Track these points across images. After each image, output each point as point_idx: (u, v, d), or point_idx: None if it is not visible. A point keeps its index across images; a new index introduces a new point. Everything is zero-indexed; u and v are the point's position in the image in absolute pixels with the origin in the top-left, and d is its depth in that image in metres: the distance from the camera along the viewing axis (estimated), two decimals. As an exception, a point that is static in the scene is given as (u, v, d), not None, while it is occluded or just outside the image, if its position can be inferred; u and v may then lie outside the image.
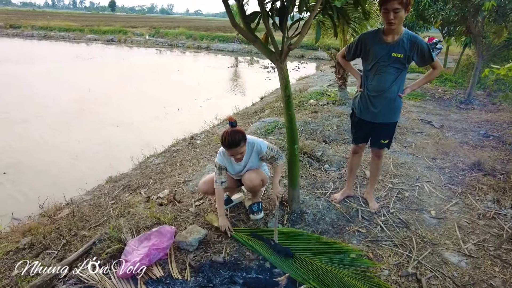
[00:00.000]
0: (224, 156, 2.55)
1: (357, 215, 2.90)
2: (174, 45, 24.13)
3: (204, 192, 2.75)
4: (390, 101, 2.65)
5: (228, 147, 2.32)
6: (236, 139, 2.30)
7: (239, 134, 2.32)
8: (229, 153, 2.40)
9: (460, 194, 3.39)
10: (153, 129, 7.05)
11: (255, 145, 2.52)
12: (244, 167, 2.61)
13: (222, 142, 2.34)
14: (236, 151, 2.34)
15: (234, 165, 2.60)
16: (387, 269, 2.30)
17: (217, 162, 2.56)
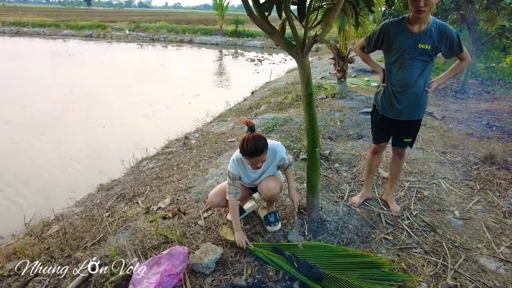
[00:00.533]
0: (238, 164, 2.27)
1: (380, 220, 2.69)
2: (156, 39, 23.39)
3: (216, 206, 2.48)
4: (417, 96, 2.43)
5: (250, 155, 2.05)
6: (260, 146, 2.03)
7: (262, 140, 2.05)
8: (249, 162, 2.13)
9: (479, 191, 3.23)
10: (142, 129, 6.67)
11: (277, 151, 2.27)
12: (261, 175, 2.35)
13: (243, 150, 2.06)
14: (258, 159, 2.08)
15: (249, 173, 2.33)
16: (425, 282, 2.10)
17: (230, 172, 2.28)
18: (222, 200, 2.36)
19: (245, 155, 2.08)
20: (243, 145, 2.06)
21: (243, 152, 2.07)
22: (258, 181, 2.38)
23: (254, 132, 2.09)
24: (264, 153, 2.08)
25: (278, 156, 2.27)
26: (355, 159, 3.76)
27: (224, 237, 2.34)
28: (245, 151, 2.06)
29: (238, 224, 2.31)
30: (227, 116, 6.65)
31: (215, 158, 4.21)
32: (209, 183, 3.27)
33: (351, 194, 3.03)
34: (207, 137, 5.42)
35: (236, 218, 2.31)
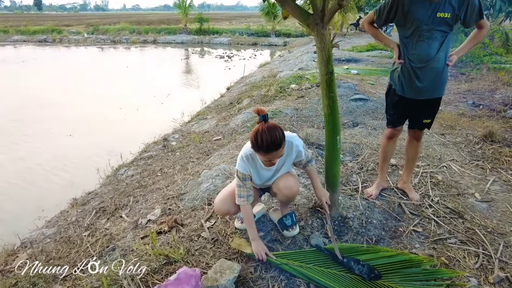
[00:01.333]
0: (248, 162, 1.91)
1: (403, 211, 2.43)
2: (118, 41, 22.25)
3: (225, 214, 2.10)
4: (438, 72, 2.19)
5: (267, 150, 1.69)
6: (278, 138, 1.67)
7: (279, 131, 1.70)
8: (264, 159, 1.78)
9: (491, 170, 3.08)
10: (114, 135, 6.10)
11: (293, 144, 1.91)
12: (274, 174, 2.00)
13: (257, 144, 1.70)
14: (275, 155, 1.73)
15: (261, 171, 1.97)
16: (472, 276, 1.85)
17: (239, 171, 1.91)
18: (232, 206, 2.00)
19: (259, 150, 1.73)
20: (256, 138, 1.70)
21: (257, 147, 1.71)
22: (271, 181, 2.04)
23: (268, 122, 1.73)
24: (282, 146, 1.73)
25: (294, 150, 1.92)
26: (358, 147, 3.50)
27: (238, 249, 1.97)
28: (259, 145, 1.70)
29: (255, 232, 1.95)
30: (206, 114, 6.23)
31: (204, 159, 3.81)
32: (204, 187, 2.88)
33: (365, 186, 2.76)
34: (189, 137, 5.00)
35: (252, 226, 1.95)
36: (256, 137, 1.70)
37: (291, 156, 1.94)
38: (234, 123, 4.71)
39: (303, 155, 1.96)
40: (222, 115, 5.59)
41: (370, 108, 4.81)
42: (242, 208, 1.94)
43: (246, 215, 1.94)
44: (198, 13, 25.67)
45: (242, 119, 4.69)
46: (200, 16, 24.71)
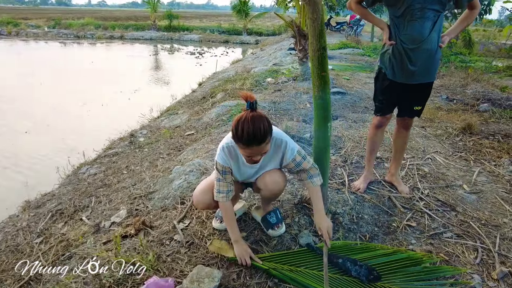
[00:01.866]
0: (229, 154, 1.65)
1: (393, 205, 2.27)
2: (82, 36, 21.04)
3: (205, 206, 1.82)
4: (431, 54, 2.04)
5: (247, 143, 1.43)
6: (261, 131, 1.42)
7: (265, 123, 1.44)
8: (244, 153, 1.52)
9: (475, 162, 3.02)
10: (76, 132, 5.59)
11: (285, 144, 1.64)
12: (258, 172, 1.75)
13: (237, 135, 1.44)
14: (257, 150, 1.47)
15: (242, 167, 1.72)
16: (475, 272, 1.70)
17: (218, 163, 1.65)
18: (212, 199, 1.73)
19: (239, 142, 1.47)
20: (237, 127, 1.44)
21: (237, 138, 1.46)
22: (254, 178, 1.79)
23: (255, 111, 1.47)
24: (266, 142, 1.46)
25: (287, 152, 1.64)
26: (339, 140, 3.34)
27: (218, 253, 1.71)
28: (239, 136, 1.44)
29: (237, 233, 1.69)
30: (177, 109, 5.88)
31: (176, 155, 3.50)
32: (176, 184, 2.59)
33: (351, 179, 2.58)
34: (158, 133, 4.64)
35: (233, 225, 1.70)
36: (237, 126, 1.44)
37: (278, 156, 1.68)
38: (208, 117, 4.42)
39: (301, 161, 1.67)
40: (195, 110, 5.27)
41: (349, 102, 4.69)
42: (221, 206, 1.69)
43: (226, 214, 1.69)
44: (167, 10, 24.91)
45: (217, 112, 4.41)
46: (170, 13, 23.98)
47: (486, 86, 5.94)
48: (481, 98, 5.16)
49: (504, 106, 4.76)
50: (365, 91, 5.42)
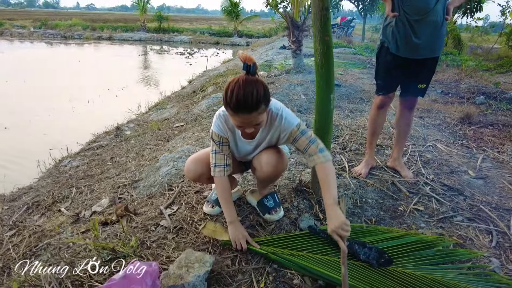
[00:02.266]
0: (225, 123, 1.48)
1: (398, 190, 2.12)
2: (69, 36, 20.60)
3: (196, 177, 1.64)
4: (437, 26, 1.91)
5: (236, 110, 1.25)
6: (253, 97, 1.23)
7: (259, 89, 1.25)
8: (236, 123, 1.33)
9: (477, 149, 2.90)
10: (59, 127, 5.34)
11: (279, 118, 1.44)
12: (255, 149, 1.58)
13: (226, 98, 1.26)
14: (248, 119, 1.28)
15: (239, 142, 1.54)
16: (492, 256, 1.56)
17: (214, 133, 1.48)
18: (206, 169, 1.55)
19: (227, 107, 1.28)
20: (227, 90, 1.26)
21: (226, 102, 1.28)
22: (252, 156, 1.61)
23: (254, 75, 1.28)
24: (259, 111, 1.27)
25: (283, 125, 1.44)
26: (337, 128, 3.19)
27: (212, 237, 1.53)
28: (228, 101, 1.26)
29: (233, 213, 1.51)
30: (166, 104, 5.68)
31: (164, 145, 3.30)
32: (164, 171, 2.39)
33: (351, 165, 2.42)
34: (146, 126, 4.43)
35: (229, 205, 1.52)
36: (227, 89, 1.27)
37: (277, 131, 1.48)
38: (199, 109, 4.24)
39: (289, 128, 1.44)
40: (185, 103, 5.08)
41: (344, 93, 4.56)
42: (218, 182, 1.51)
43: (222, 192, 1.51)
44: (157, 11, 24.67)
45: (208, 103, 4.23)
46: (159, 14, 23.75)
47: (480, 81, 5.91)
48: (476, 92, 5.10)
49: (500, 99, 4.70)
50: (359, 85, 5.31)
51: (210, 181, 1.68)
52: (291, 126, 1.44)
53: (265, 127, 1.48)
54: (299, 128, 1.45)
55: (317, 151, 1.42)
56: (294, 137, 1.45)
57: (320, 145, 1.44)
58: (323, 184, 1.39)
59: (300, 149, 1.47)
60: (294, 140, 1.46)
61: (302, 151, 1.46)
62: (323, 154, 1.42)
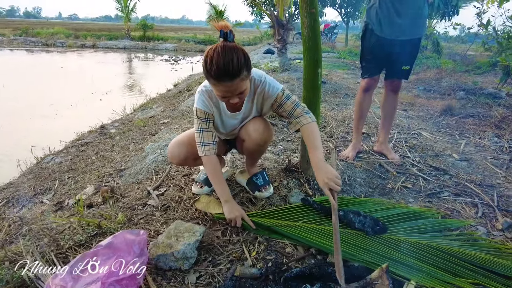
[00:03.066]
0: (209, 98, 1.46)
1: (386, 171, 2.14)
2: (51, 44, 20.23)
3: (181, 160, 1.60)
4: (419, 7, 1.97)
5: (217, 77, 1.21)
6: (233, 62, 1.19)
7: (239, 55, 1.21)
8: (219, 93, 1.29)
9: (460, 136, 2.98)
10: (41, 130, 5.19)
11: (263, 83, 1.43)
12: (243, 121, 1.56)
13: (206, 67, 1.23)
14: (231, 87, 1.24)
15: (225, 117, 1.52)
16: (479, 225, 1.58)
17: (199, 110, 1.46)
18: (191, 152, 1.53)
19: (209, 77, 1.25)
20: (206, 59, 1.24)
21: (206, 71, 1.24)
22: (237, 129, 1.60)
23: (230, 42, 1.25)
24: (241, 77, 1.23)
25: (267, 91, 1.43)
26: (324, 119, 3.22)
27: (205, 210, 1.50)
28: (208, 69, 1.22)
29: (227, 191, 1.47)
30: (151, 105, 5.62)
31: (149, 138, 3.25)
32: (150, 159, 2.36)
33: (339, 150, 2.44)
34: (131, 124, 4.36)
35: (221, 183, 1.48)
36: (206, 58, 1.24)
37: (260, 99, 1.47)
38: (185, 106, 4.21)
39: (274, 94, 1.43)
40: (171, 102, 5.04)
41: (330, 89, 4.63)
42: (208, 162, 1.47)
43: (214, 171, 1.47)
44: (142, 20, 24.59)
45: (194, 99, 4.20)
46: (144, 23, 23.66)
47: (459, 80, 6.09)
48: (456, 89, 5.25)
49: (479, 95, 4.85)
50: (343, 83, 5.40)
51: (197, 163, 1.64)
52: (276, 91, 1.44)
53: (250, 98, 1.47)
54: (284, 93, 1.45)
55: (303, 113, 1.43)
56: (279, 102, 1.44)
57: (305, 108, 1.45)
58: (311, 144, 1.39)
59: (284, 114, 1.46)
60: (279, 106, 1.45)
61: (287, 116, 1.45)
62: (309, 116, 1.43)
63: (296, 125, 1.44)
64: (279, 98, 1.44)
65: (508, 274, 1.21)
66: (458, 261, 1.26)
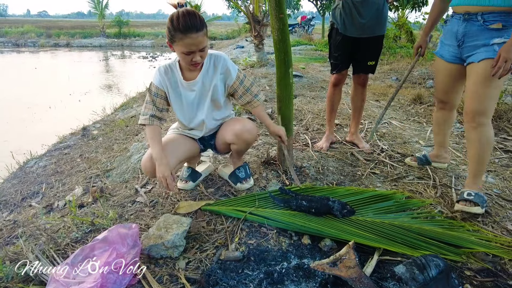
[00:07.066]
0: (164, 74, 1.60)
1: (357, 159, 2.32)
2: (22, 44, 19.58)
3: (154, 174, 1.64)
4: (379, 7, 2.13)
5: (185, 29, 1.38)
6: (198, 16, 1.42)
7: (200, 16, 1.44)
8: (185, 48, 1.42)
9: (427, 123, 3.20)
10: (20, 134, 5.14)
11: (221, 59, 1.62)
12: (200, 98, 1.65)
13: (173, 25, 1.41)
14: (198, 39, 1.41)
15: (182, 89, 1.62)
16: (436, 204, 1.78)
17: (152, 84, 1.62)
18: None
19: (176, 31, 1.40)
20: (172, 19, 1.42)
21: (173, 28, 1.41)
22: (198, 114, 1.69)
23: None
24: (204, 31, 1.43)
25: (228, 68, 1.62)
26: (300, 113, 3.38)
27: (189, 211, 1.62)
28: (175, 25, 1.40)
29: (160, 151, 1.53)
30: (132, 104, 5.65)
31: (132, 138, 3.33)
32: (135, 158, 2.45)
33: (314, 142, 2.60)
34: (113, 124, 4.40)
35: (156, 144, 1.55)
36: (171, 18, 1.43)
37: (217, 73, 1.62)
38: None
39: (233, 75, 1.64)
40: (152, 101, 5.08)
41: (306, 83, 4.79)
42: (147, 131, 1.60)
43: (150, 137, 1.57)
44: (116, 16, 24.05)
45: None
46: (119, 19, 23.17)
47: (430, 69, 6.37)
48: (426, 78, 5.52)
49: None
50: (320, 76, 5.58)
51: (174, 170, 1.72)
52: (235, 70, 1.66)
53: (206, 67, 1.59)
54: (241, 72, 1.69)
55: (253, 97, 1.71)
56: (240, 79, 1.67)
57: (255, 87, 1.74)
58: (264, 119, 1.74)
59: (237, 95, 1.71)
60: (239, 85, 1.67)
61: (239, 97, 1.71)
62: (258, 98, 1.73)
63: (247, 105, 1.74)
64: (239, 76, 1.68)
65: (457, 243, 1.40)
66: (417, 236, 1.44)
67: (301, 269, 1.24)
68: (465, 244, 1.40)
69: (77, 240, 1.41)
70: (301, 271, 1.23)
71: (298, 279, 1.20)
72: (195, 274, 1.22)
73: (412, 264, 1.17)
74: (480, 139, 1.65)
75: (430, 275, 1.13)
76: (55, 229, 1.57)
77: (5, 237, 1.91)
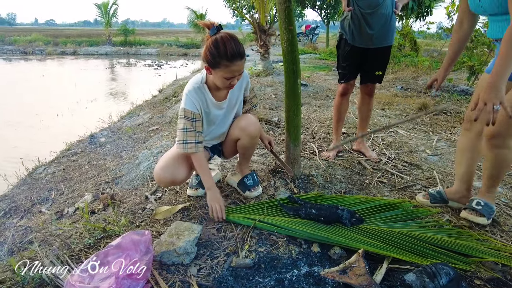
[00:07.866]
0: (197, 97, 1.58)
1: (364, 168, 2.34)
2: (30, 52, 19.89)
3: (169, 182, 1.67)
4: (387, 18, 2.16)
5: (233, 58, 1.41)
6: (241, 44, 1.46)
7: (239, 42, 1.47)
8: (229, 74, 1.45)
9: (433, 132, 3.21)
10: (29, 140, 5.21)
11: (245, 75, 1.75)
12: (226, 114, 1.71)
13: (219, 52, 1.40)
14: (240, 67, 1.47)
15: (212, 107, 1.65)
16: (444, 212, 1.78)
17: (187, 110, 1.56)
18: (178, 172, 1.63)
19: (223, 59, 1.41)
20: (217, 45, 1.41)
21: (219, 55, 1.41)
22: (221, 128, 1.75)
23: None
24: (245, 57, 1.48)
25: (245, 81, 1.76)
26: (306, 122, 3.41)
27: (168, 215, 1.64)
28: (222, 52, 1.40)
29: (211, 179, 1.60)
30: (138, 111, 5.70)
31: (141, 145, 3.37)
32: (144, 165, 2.48)
33: (321, 150, 2.63)
34: (120, 132, 4.45)
35: (207, 172, 1.61)
36: (216, 44, 1.41)
37: (242, 89, 1.76)
38: (173, 112, 4.33)
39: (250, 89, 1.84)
40: (158, 109, 5.15)
41: (312, 92, 4.83)
42: (194, 158, 1.60)
43: (199, 164, 1.60)
44: (122, 25, 24.39)
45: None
46: (125, 27, 23.49)
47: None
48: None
49: (452, 92, 5.15)
50: (325, 84, 5.62)
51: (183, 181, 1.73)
52: (249, 83, 1.79)
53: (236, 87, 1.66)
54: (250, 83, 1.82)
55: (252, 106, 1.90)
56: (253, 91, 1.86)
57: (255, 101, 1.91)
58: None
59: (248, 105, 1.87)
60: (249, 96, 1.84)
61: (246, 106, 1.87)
62: (255, 108, 1.92)
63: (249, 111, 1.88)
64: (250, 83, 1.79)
65: (466, 252, 1.41)
66: (425, 244, 1.45)
67: (311, 276, 1.26)
68: (474, 253, 1.41)
69: (90, 246, 1.43)
70: (311, 279, 1.24)
71: (309, 286, 1.21)
72: (206, 281, 1.24)
73: (422, 272, 1.18)
74: (495, 159, 1.58)
75: (441, 283, 1.14)
76: (67, 235, 1.60)
77: (17, 242, 1.94)
